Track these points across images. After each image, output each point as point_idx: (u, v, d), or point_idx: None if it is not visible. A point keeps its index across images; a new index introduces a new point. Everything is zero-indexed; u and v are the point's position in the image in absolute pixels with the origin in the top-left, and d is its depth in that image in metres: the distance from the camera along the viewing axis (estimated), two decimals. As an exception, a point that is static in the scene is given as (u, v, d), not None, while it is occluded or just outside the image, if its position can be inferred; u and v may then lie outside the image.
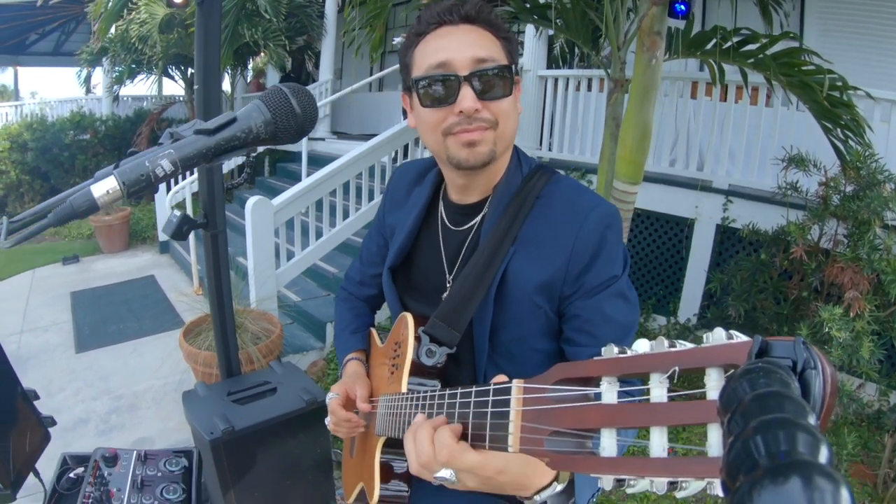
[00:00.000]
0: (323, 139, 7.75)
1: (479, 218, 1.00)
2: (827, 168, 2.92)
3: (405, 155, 5.13)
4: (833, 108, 2.63)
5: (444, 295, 1.00)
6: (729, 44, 2.89)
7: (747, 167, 4.03)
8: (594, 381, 0.48)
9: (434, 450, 0.66)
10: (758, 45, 2.80)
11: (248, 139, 0.64)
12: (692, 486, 0.39)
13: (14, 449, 0.95)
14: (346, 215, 4.55)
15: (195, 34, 2.28)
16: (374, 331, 1.26)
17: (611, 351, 0.46)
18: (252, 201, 3.79)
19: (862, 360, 2.43)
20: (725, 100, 4.08)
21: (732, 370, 0.35)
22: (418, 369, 0.94)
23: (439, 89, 0.88)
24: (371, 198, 4.76)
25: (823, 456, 0.25)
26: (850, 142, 2.78)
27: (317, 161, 6.42)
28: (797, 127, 3.71)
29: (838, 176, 2.81)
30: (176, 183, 5.71)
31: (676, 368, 0.40)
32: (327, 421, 1.13)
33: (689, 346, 0.40)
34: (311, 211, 4.25)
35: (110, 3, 2.86)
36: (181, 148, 0.60)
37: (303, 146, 6.94)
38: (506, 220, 0.94)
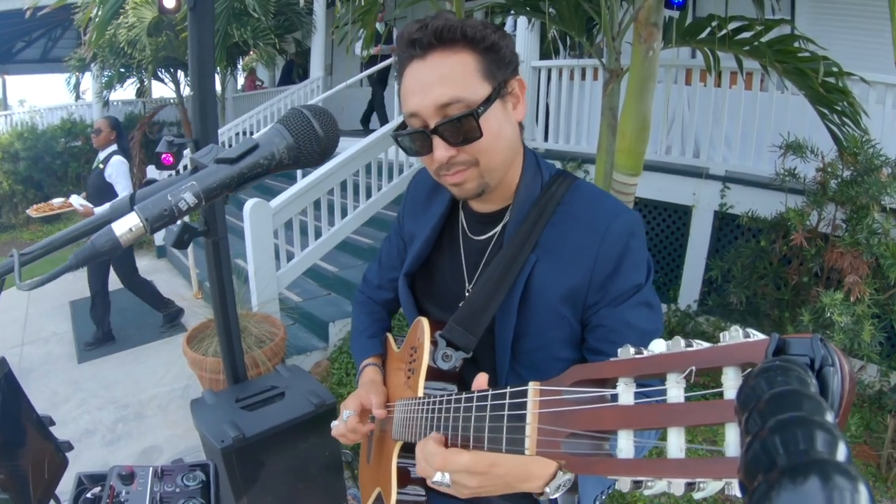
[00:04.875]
0: (317, 136, 7.72)
1: (499, 227, 0.99)
2: (824, 154, 2.92)
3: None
4: (828, 93, 2.63)
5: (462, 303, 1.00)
6: (724, 32, 2.88)
7: (744, 153, 4.03)
8: (610, 383, 0.48)
9: (423, 460, 0.73)
10: (752, 32, 2.79)
11: (270, 165, 0.62)
12: (710, 487, 0.38)
13: (33, 477, 0.95)
14: (344, 213, 4.54)
15: (188, 39, 2.26)
16: (390, 336, 1.25)
17: (627, 352, 0.46)
18: (250, 204, 3.78)
19: (863, 343, 2.45)
20: (720, 85, 4.08)
21: (750, 369, 0.35)
22: (435, 374, 0.94)
23: (414, 143, 0.89)
24: (369, 195, 4.75)
25: (842, 454, 0.25)
26: (847, 127, 2.78)
27: (312, 159, 6.40)
28: (793, 111, 3.71)
29: (835, 161, 2.81)
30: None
31: (693, 368, 0.40)
32: (334, 424, 1.12)
33: (706, 345, 0.40)
34: (310, 210, 4.24)
35: (99, 13, 2.83)
36: (203, 179, 0.59)
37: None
38: (526, 227, 0.93)
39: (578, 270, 0.90)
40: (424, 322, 0.98)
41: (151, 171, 6.28)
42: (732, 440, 0.36)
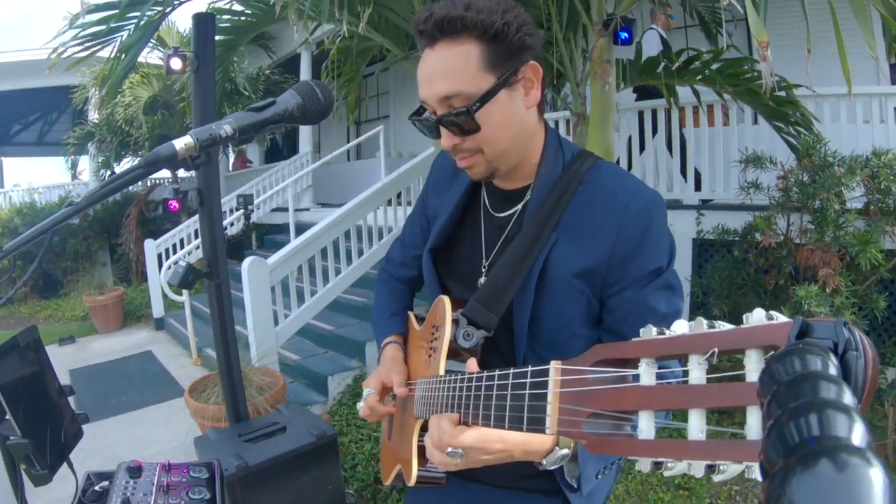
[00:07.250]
0: (308, 209, 8.06)
1: (521, 205, 0.99)
2: (783, 163, 3.10)
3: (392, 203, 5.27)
4: (780, 107, 2.84)
5: (481, 280, 1.00)
6: (677, 64, 3.15)
7: (714, 182, 4.29)
8: (632, 363, 0.48)
9: (437, 434, 0.80)
10: (702, 62, 3.05)
11: (284, 116, 0.82)
12: (730, 470, 0.38)
13: (50, 435, 1.03)
14: (337, 273, 4.66)
15: (192, 98, 2.48)
16: (411, 314, 1.24)
17: (649, 332, 0.46)
18: (248, 261, 3.90)
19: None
20: (685, 125, 4.38)
21: (772, 352, 0.35)
22: (456, 352, 0.94)
23: (426, 128, 0.92)
24: (360, 254, 4.88)
25: (858, 437, 0.25)
26: (803, 136, 2.98)
27: (303, 230, 6.55)
28: (757, 139, 3.98)
29: (795, 168, 2.97)
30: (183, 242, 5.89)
31: (715, 350, 0.40)
32: (359, 406, 1.12)
33: (729, 326, 0.40)
34: (305, 273, 4.36)
35: (109, 82, 3.09)
36: (239, 119, 0.78)
37: (290, 217, 7.22)
38: (547, 207, 0.93)
39: (598, 249, 0.90)
40: (446, 300, 0.98)
41: (148, 245, 6.44)
42: (754, 423, 0.36)
